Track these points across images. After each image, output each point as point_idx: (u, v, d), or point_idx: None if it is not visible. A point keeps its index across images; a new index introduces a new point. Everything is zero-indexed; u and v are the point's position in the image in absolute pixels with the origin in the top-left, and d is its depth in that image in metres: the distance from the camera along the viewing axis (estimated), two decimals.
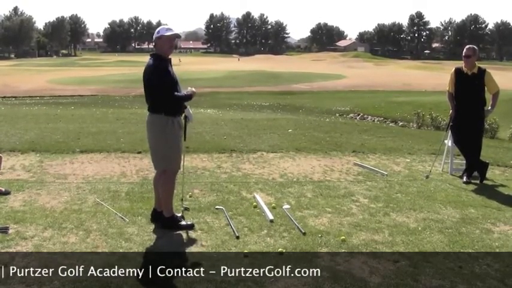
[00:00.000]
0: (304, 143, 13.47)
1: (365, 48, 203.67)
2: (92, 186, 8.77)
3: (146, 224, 6.82)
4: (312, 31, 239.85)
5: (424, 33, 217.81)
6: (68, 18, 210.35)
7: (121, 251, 5.81)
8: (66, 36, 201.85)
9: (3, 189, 8.18)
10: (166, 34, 6.59)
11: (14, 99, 48.30)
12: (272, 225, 6.87)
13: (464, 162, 10.29)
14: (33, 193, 8.30)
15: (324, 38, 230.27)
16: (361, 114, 33.95)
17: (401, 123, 29.07)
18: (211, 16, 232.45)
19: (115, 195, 8.23)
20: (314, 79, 71.17)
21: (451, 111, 10.15)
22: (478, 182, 9.84)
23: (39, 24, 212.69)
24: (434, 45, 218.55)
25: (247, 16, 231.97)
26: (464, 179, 9.92)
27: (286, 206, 7.70)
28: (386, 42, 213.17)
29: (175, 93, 6.49)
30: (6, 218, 6.92)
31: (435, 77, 65.37)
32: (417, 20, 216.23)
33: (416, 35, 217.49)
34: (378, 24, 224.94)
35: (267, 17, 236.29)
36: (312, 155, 12.01)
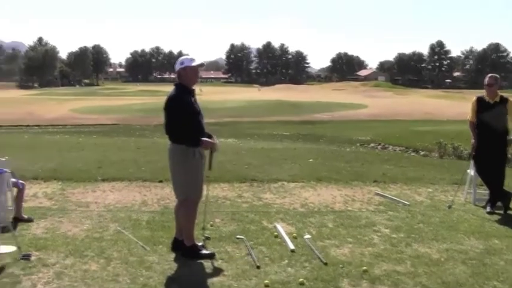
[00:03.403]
0: (325, 173, 13.41)
1: (385, 77, 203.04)
2: (113, 215, 8.81)
3: (167, 252, 6.80)
4: (332, 60, 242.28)
5: (445, 62, 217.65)
6: (90, 48, 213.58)
7: (141, 279, 5.81)
8: (88, 66, 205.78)
9: (26, 217, 8.25)
10: (191, 65, 6.60)
11: (37, 127, 48.67)
12: (293, 255, 6.82)
13: (488, 192, 10.19)
14: (55, 221, 8.36)
15: (344, 68, 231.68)
16: (382, 143, 33.71)
17: (422, 153, 28.77)
18: (232, 46, 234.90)
19: (136, 224, 8.25)
20: (335, 109, 70.84)
21: (473, 140, 10.07)
22: (501, 212, 9.70)
23: (63, 54, 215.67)
24: (456, 74, 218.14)
25: (268, 46, 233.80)
26: (488, 209, 9.80)
27: (307, 236, 7.64)
28: (406, 72, 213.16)
29: (194, 131, 6.48)
30: (29, 245, 6.94)
31: (456, 106, 64.86)
32: (438, 49, 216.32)
33: (437, 64, 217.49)
34: (398, 54, 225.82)
35: (287, 47, 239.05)
36: (333, 185, 11.97)
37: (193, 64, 6.62)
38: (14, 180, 8.20)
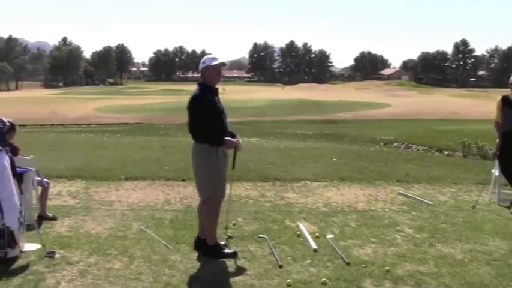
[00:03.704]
0: (348, 172, 13.38)
1: (409, 76, 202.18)
2: (137, 213, 8.85)
3: (190, 251, 6.81)
4: (356, 59, 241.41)
5: (470, 61, 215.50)
6: (114, 48, 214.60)
7: (164, 278, 5.82)
8: (112, 65, 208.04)
9: (50, 215, 8.33)
10: (212, 64, 6.58)
11: (61, 126, 49.18)
12: (316, 254, 6.80)
13: None
14: (79, 219, 8.43)
15: (368, 67, 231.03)
16: (406, 143, 33.51)
17: (446, 152, 28.56)
18: (255, 45, 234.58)
19: (159, 223, 8.28)
20: (358, 108, 70.53)
21: (498, 140, 9.99)
22: None
23: (87, 53, 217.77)
24: (480, 72, 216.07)
25: (291, 45, 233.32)
26: None
27: (329, 236, 7.61)
28: (430, 71, 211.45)
29: (217, 130, 6.45)
30: (53, 243, 7.00)
31: (481, 105, 64.37)
32: (462, 48, 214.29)
33: (461, 62, 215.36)
34: (422, 52, 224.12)
35: (310, 46, 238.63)
36: (355, 184, 11.94)
37: (215, 63, 6.60)
38: (38, 178, 8.31)
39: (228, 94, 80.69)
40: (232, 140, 6.59)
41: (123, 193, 10.55)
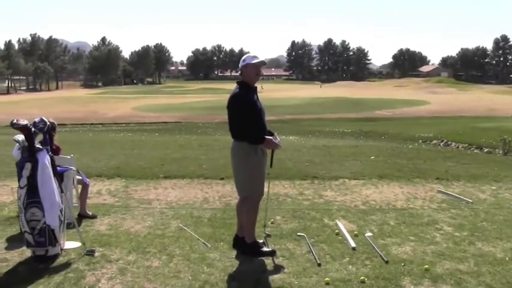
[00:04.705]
0: (386, 170, 13.32)
1: (448, 73, 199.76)
2: (175, 212, 8.91)
3: (228, 249, 6.83)
4: (394, 57, 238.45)
5: (510, 57, 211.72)
6: (152, 47, 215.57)
7: (203, 276, 5.84)
8: (151, 64, 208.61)
9: (90, 213, 8.42)
10: (252, 62, 6.60)
11: (101, 126, 49.81)
12: (354, 252, 6.77)
13: None
14: (119, 217, 8.53)
15: (406, 64, 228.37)
16: (445, 140, 33.11)
17: (486, 150, 28.12)
18: (293, 43, 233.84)
19: (198, 221, 8.33)
20: (396, 105, 70.18)
21: None
22: None
23: (126, 53, 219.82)
24: None
25: (329, 43, 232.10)
26: None
27: (368, 234, 7.58)
28: (470, 67, 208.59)
29: (257, 128, 6.43)
30: (93, 241, 7.10)
31: None
32: (502, 44, 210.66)
33: (501, 58, 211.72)
34: (462, 49, 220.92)
35: (348, 44, 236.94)
36: (394, 182, 11.87)
37: (256, 61, 6.61)
38: (79, 177, 8.41)
39: (267, 92, 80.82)
40: (272, 140, 6.55)
41: (162, 191, 10.63)
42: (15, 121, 6.21)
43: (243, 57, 6.79)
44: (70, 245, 6.76)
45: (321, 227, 8.10)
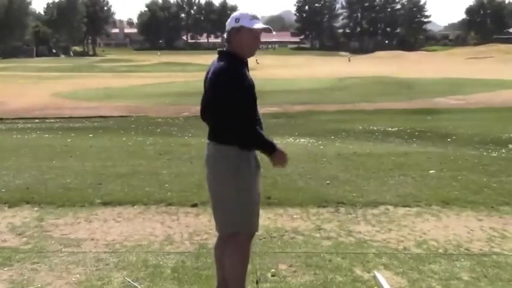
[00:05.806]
0: (455, 192, 10.39)
1: None
2: (120, 258, 6.68)
3: None
4: (468, 12, 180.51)
5: None
6: None
7: None
8: (79, 24, 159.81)
9: None
10: (253, 27, 4.66)
11: None
12: None
13: None
14: (27, 269, 6.26)
15: (489, 22, 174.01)
16: None
17: None
18: None
19: (156, 273, 6.14)
20: (471, 89, 51.99)
21: None
22: None
23: (38, 6, 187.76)
24: None
25: None
26: None
27: None
28: None
29: (257, 125, 4.68)
30: None
31: None
32: None
33: None
34: None
35: None
36: (468, 211, 9.02)
37: (256, 27, 4.68)
38: None
39: (263, 69, 67.59)
40: (285, 152, 4.78)
41: (99, 226, 8.04)
42: None
43: (234, 15, 4.86)
44: None
45: (351, 281, 5.95)
